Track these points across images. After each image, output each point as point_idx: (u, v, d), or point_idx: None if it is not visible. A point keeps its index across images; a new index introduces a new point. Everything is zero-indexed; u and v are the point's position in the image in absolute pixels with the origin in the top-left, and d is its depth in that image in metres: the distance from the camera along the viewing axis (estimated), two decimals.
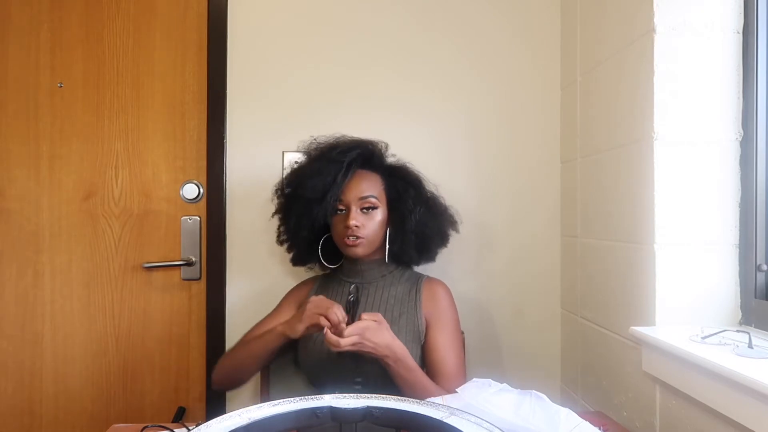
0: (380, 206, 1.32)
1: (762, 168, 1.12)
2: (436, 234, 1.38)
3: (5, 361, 1.63)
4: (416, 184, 1.37)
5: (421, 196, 1.36)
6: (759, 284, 1.12)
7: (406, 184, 1.35)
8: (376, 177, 1.34)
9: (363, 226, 1.28)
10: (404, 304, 1.30)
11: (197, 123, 1.66)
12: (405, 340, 1.24)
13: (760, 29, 1.12)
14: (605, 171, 1.38)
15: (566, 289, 1.65)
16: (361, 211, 1.29)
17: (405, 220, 1.32)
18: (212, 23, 1.65)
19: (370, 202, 1.30)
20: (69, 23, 1.65)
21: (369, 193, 1.30)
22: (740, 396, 0.86)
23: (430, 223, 1.35)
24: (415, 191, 1.35)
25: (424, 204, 1.35)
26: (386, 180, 1.35)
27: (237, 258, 1.65)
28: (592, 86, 1.47)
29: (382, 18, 1.67)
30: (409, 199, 1.33)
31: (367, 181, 1.32)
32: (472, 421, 0.71)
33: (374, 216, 1.30)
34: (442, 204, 1.41)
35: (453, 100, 1.68)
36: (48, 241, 1.64)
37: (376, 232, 1.31)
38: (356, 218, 1.27)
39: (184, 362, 1.66)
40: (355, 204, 1.29)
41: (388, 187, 1.34)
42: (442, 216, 1.40)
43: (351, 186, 1.30)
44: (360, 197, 1.29)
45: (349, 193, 1.30)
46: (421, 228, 1.34)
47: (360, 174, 1.33)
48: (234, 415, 0.72)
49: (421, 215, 1.33)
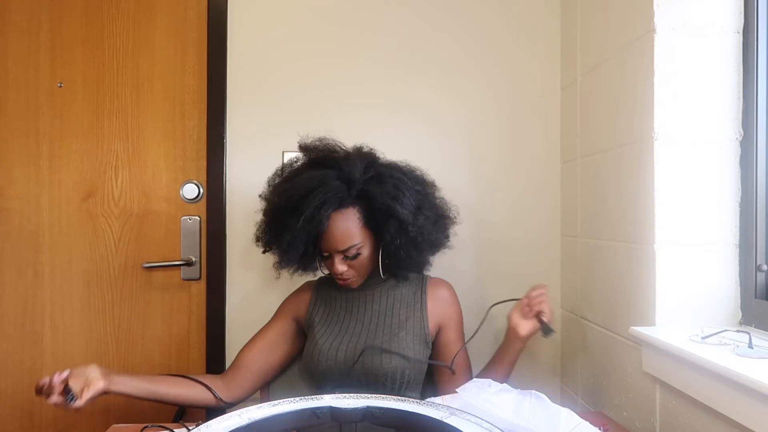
0: (365, 245, 1.23)
1: (762, 168, 1.12)
2: (427, 249, 1.30)
3: (5, 361, 1.63)
4: (396, 210, 1.19)
5: (406, 220, 1.20)
6: (759, 284, 1.12)
7: (386, 215, 1.20)
8: (353, 214, 1.21)
9: (350, 269, 1.24)
10: (410, 307, 1.30)
11: (197, 123, 1.66)
12: (413, 342, 1.25)
13: (760, 29, 1.12)
14: (605, 171, 1.38)
15: (566, 289, 1.65)
16: (345, 258, 1.23)
17: (392, 247, 1.23)
18: (212, 23, 1.65)
19: (352, 251, 1.21)
20: (69, 23, 1.65)
21: (348, 245, 1.20)
22: (740, 396, 0.86)
23: (419, 244, 1.25)
24: (398, 220, 1.20)
25: (411, 226, 1.21)
26: (365, 210, 1.22)
27: (237, 258, 1.65)
28: (592, 86, 1.47)
29: (382, 17, 1.67)
30: (392, 228, 1.20)
31: (343, 228, 1.19)
32: (472, 421, 0.71)
33: (360, 258, 1.23)
34: (433, 216, 1.28)
35: (453, 99, 1.68)
36: (48, 240, 1.64)
37: (366, 267, 1.26)
38: (340, 267, 1.22)
39: (184, 362, 1.66)
40: (336, 255, 1.22)
41: (368, 218, 1.23)
42: (435, 227, 1.28)
43: (328, 238, 1.19)
44: (339, 250, 1.21)
45: (328, 245, 1.21)
46: (409, 250, 1.25)
47: (335, 220, 1.19)
48: (234, 415, 0.72)
49: (408, 240, 1.23)
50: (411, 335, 1.25)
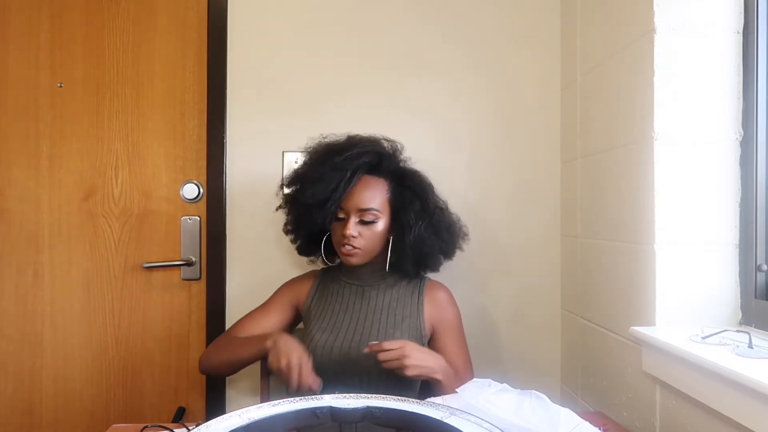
0: (382, 217, 1.27)
1: (762, 168, 1.12)
2: (436, 251, 1.31)
3: (5, 361, 1.63)
4: (423, 196, 1.29)
5: (427, 209, 1.29)
6: (759, 284, 1.12)
7: (413, 195, 1.28)
8: (382, 184, 1.29)
9: (360, 237, 1.25)
10: (407, 307, 1.30)
11: (197, 123, 1.66)
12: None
13: (760, 29, 1.12)
14: (605, 171, 1.38)
15: (566, 289, 1.65)
16: (361, 222, 1.26)
17: (405, 234, 1.26)
18: (212, 23, 1.64)
19: (371, 215, 1.25)
20: (69, 23, 1.65)
21: (370, 206, 1.25)
22: (740, 396, 0.86)
23: (430, 241, 1.28)
24: (422, 204, 1.28)
25: (428, 219, 1.29)
26: (393, 186, 1.29)
27: (237, 258, 1.65)
28: (592, 86, 1.47)
29: (383, 17, 1.67)
30: (412, 212, 1.26)
31: (370, 190, 1.26)
32: (472, 421, 0.71)
33: (374, 228, 1.26)
34: (448, 219, 1.34)
35: (453, 99, 1.68)
36: (48, 240, 1.64)
37: (374, 243, 1.27)
38: (353, 229, 1.24)
39: (184, 362, 1.66)
40: (354, 214, 1.25)
41: (394, 195, 1.29)
42: (448, 232, 1.32)
43: (353, 194, 1.25)
44: (360, 208, 1.25)
45: (349, 202, 1.26)
46: (420, 244, 1.27)
47: (365, 181, 1.27)
48: (234, 415, 0.72)
49: (423, 231, 1.27)
50: (407, 335, 1.25)
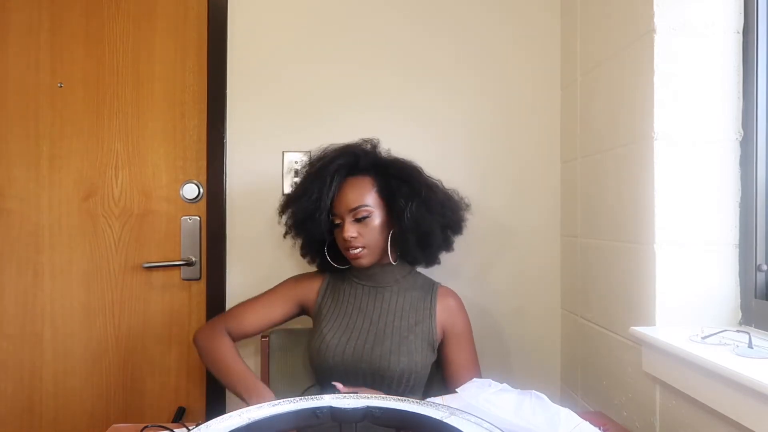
0: (375, 211, 1.28)
1: (762, 168, 1.12)
2: (436, 228, 1.30)
3: (5, 361, 1.63)
4: (409, 179, 1.30)
5: (415, 190, 1.28)
6: (759, 284, 1.12)
7: (399, 181, 1.29)
8: (366, 181, 1.30)
9: (360, 236, 1.26)
10: (420, 312, 1.30)
11: (197, 123, 1.66)
12: (421, 347, 1.26)
13: (760, 29, 1.12)
14: (605, 171, 1.38)
15: (566, 289, 1.65)
16: (355, 221, 1.27)
17: (401, 219, 1.27)
18: (212, 23, 1.64)
19: (362, 211, 1.26)
20: (69, 23, 1.65)
21: (358, 204, 1.26)
22: (740, 396, 0.86)
23: (425, 219, 1.27)
24: (409, 186, 1.28)
25: (418, 197, 1.28)
26: (379, 180, 1.30)
27: (237, 258, 1.65)
28: (592, 86, 1.47)
29: (382, 17, 1.66)
30: (401, 197, 1.27)
31: (356, 189, 1.28)
32: (472, 421, 0.71)
33: (370, 223, 1.27)
34: (442, 195, 1.34)
35: (453, 99, 1.68)
36: (48, 240, 1.64)
37: (375, 239, 1.28)
38: (350, 230, 1.26)
39: (184, 362, 1.66)
40: (347, 216, 1.27)
41: (382, 187, 1.30)
42: (443, 207, 1.32)
43: (341, 198, 1.28)
44: (350, 209, 1.27)
45: (340, 206, 1.28)
46: (416, 225, 1.26)
47: (349, 183, 1.29)
48: (234, 415, 0.72)
49: (415, 210, 1.26)
50: (420, 339, 1.26)
